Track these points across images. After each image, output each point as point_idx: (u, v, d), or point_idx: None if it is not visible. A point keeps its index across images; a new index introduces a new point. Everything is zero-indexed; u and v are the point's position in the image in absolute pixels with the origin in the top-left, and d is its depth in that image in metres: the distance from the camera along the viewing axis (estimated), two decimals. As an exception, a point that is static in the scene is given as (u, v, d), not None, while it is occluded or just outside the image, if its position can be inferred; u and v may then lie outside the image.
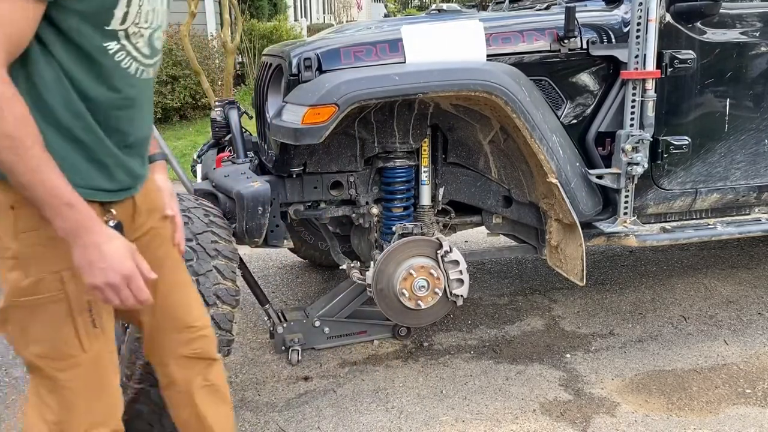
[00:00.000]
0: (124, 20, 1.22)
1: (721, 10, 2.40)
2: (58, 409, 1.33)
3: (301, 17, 18.88)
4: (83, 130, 1.23)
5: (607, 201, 2.52)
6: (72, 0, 1.15)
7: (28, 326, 1.27)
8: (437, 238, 2.48)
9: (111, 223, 1.26)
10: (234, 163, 2.63)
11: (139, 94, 1.32)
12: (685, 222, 2.69)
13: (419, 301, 2.46)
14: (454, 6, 2.73)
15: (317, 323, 2.72)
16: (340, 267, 2.75)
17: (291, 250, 3.59)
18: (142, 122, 1.37)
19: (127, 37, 1.25)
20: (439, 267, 2.45)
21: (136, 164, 1.37)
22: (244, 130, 2.86)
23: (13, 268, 1.23)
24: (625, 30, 2.40)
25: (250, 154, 2.77)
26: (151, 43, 1.32)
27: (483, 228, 2.87)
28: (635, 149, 2.38)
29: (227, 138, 2.95)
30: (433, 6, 2.82)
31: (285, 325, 2.69)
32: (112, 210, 1.30)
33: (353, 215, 2.64)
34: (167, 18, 1.38)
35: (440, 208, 2.69)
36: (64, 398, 1.32)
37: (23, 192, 1.14)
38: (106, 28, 1.20)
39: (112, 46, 1.23)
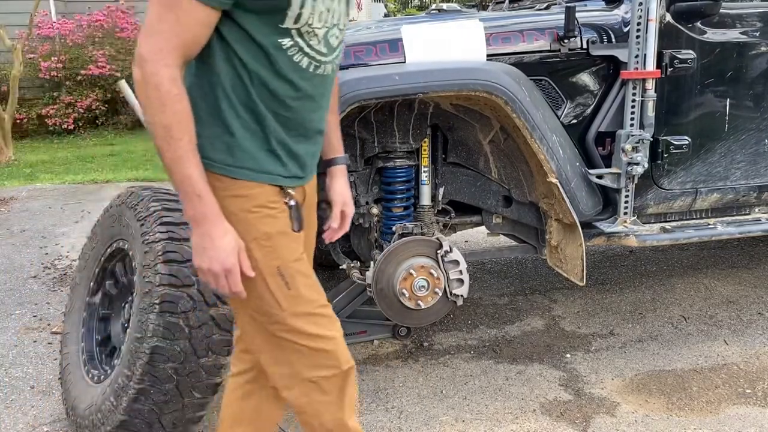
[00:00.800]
0: (297, 20, 1.32)
1: (721, 10, 2.40)
2: (288, 360, 1.50)
3: (301, 17, 18.81)
4: (257, 120, 1.37)
5: (607, 201, 2.52)
6: (247, 0, 1.27)
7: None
8: (437, 238, 2.48)
9: (291, 203, 1.44)
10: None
11: (312, 88, 1.42)
12: (685, 222, 2.69)
13: (419, 301, 2.46)
14: (454, 6, 2.72)
15: (317, 323, 2.72)
16: (340, 267, 2.75)
17: (291, 250, 3.58)
18: (315, 115, 1.47)
19: (301, 35, 1.34)
20: (439, 267, 2.45)
21: (307, 156, 1.49)
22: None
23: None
24: (625, 30, 2.40)
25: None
26: (327, 41, 1.40)
27: (483, 228, 2.86)
28: (635, 149, 2.38)
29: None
30: (433, 6, 2.82)
31: (285, 325, 2.68)
32: (291, 191, 1.45)
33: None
34: (346, 17, 1.45)
35: (440, 208, 2.69)
36: (285, 349, 1.49)
37: (168, 175, 1.30)
38: (280, 26, 1.31)
39: (286, 42, 1.33)
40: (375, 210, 2.59)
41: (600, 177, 2.44)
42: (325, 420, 1.55)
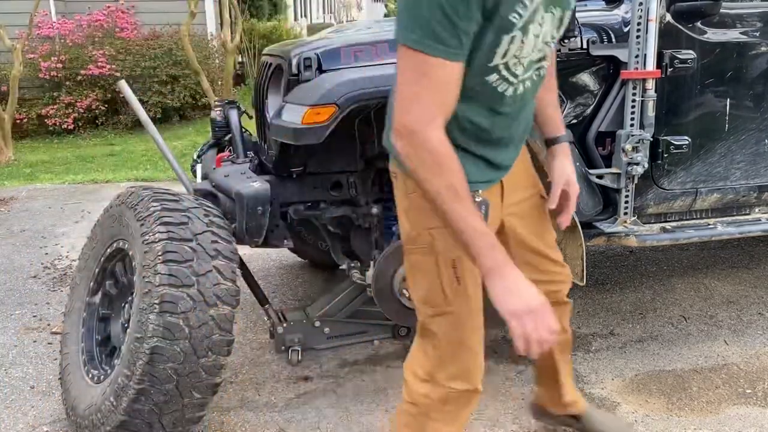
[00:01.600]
0: (504, 55, 1.33)
1: (721, 10, 2.40)
2: (432, 356, 1.54)
3: (301, 17, 18.88)
4: (465, 142, 1.42)
5: (608, 201, 2.52)
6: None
7: (414, 271, 1.54)
8: (437, 238, 2.47)
9: (477, 199, 1.43)
10: (234, 163, 2.63)
11: (517, 108, 1.45)
12: (686, 222, 2.69)
13: (419, 301, 2.45)
14: (454, 6, 2.72)
15: (317, 323, 2.72)
16: (340, 267, 2.75)
17: (291, 250, 3.58)
18: (520, 124, 1.52)
19: (507, 68, 1.36)
20: (439, 267, 2.45)
21: (507, 157, 1.53)
22: (244, 130, 2.85)
23: (405, 221, 1.52)
24: (625, 30, 2.40)
25: (250, 154, 2.77)
26: (530, 61, 1.40)
27: (483, 228, 2.86)
28: (635, 149, 2.38)
29: (227, 138, 2.95)
30: (433, 6, 2.82)
31: (285, 325, 2.68)
32: (479, 190, 1.45)
33: (353, 215, 2.64)
34: (558, 31, 1.43)
35: (440, 208, 2.69)
36: (434, 347, 1.54)
37: (455, 234, 1.31)
38: (489, 65, 1.33)
39: (492, 78, 1.35)
40: (375, 210, 2.59)
41: (600, 177, 2.44)
42: (427, 427, 1.57)
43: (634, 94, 2.36)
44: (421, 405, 1.57)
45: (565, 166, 1.70)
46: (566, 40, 2.35)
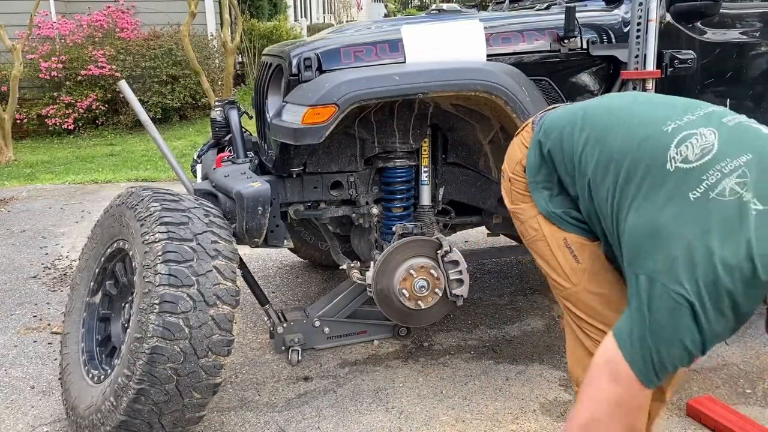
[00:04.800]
0: None
1: (721, 10, 2.40)
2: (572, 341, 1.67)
3: (301, 17, 18.89)
4: None
5: (607, 201, 2.51)
6: None
7: (539, 259, 1.67)
8: (437, 238, 2.48)
9: None
10: (234, 163, 2.63)
11: None
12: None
13: (419, 302, 2.46)
14: (454, 6, 2.73)
15: (317, 323, 2.72)
16: (340, 267, 2.75)
17: (291, 250, 3.59)
18: None
19: None
20: (439, 267, 2.45)
21: None
22: (244, 130, 2.86)
23: (515, 219, 1.73)
24: (625, 30, 2.40)
25: (250, 154, 2.77)
26: None
27: (483, 228, 2.86)
28: (635, 149, 2.37)
29: (227, 138, 2.95)
30: (433, 6, 2.82)
31: (285, 325, 2.68)
32: None
33: (353, 215, 2.64)
34: None
35: (440, 208, 2.69)
36: (572, 334, 1.66)
37: None
38: None
39: None
40: (375, 210, 2.60)
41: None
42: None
43: (634, 94, 2.36)
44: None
45: None
46: (566, 40, 2.35)
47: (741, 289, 1.17)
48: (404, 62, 2.28)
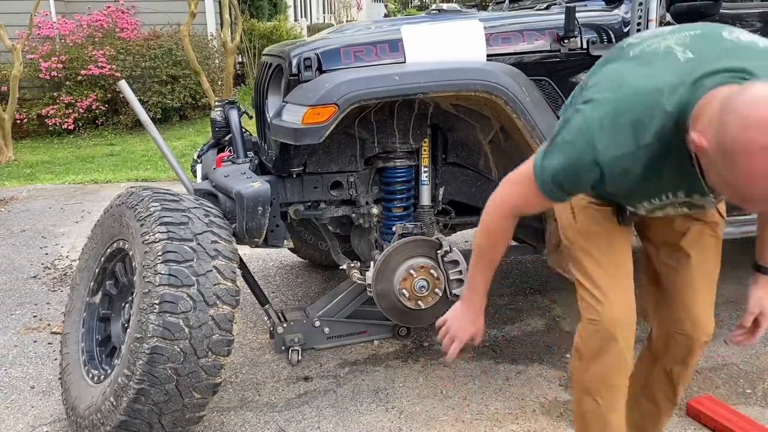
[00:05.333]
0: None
1: (721, 10, 2.40)
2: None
3: (301, 17, 18.88)
4: None
5: (608, 201, 2.51)
6: None
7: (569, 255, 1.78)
8: (437, 238, 2.48)
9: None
10: (234, 163, 2.63)
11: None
12: (685, 222, 2.68)
13: (419, 302, 2.46)
14: (454, 6, 2.73)
15: (317, 323, 2.72)
16: (340, 267, 2.75)
17: (291, 250, 3.59)
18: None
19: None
20: (439, 267, 2.45)
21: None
22: (244, 130, 2.86)
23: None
24: (625, 30, 2.40)
25: (250, 154, 2.77)
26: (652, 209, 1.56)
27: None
28: (635, 149, 2.37)
29: (227, 138, 2.95)
30: (433, 6, 2.82)
31: (285, 325, 2.68)
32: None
33: (353, 215, 2.64)
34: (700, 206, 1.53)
35: (440, 208, 2.69)
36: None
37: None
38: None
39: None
40: (375, 210, 2.59)
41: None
42: (573, 369, 1.79)
43: (634, 94, 2.36)
44: (575, 344, 1.77)
45: (762, 298, 1.79)
46: (566, 40, 2.35)
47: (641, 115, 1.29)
48: (404, 62, 2.28)
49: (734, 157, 1.10)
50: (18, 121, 8.32)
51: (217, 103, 3.00)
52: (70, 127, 8.67)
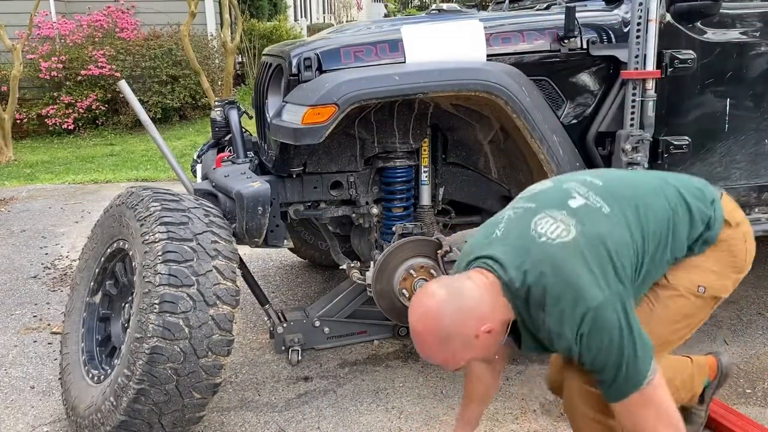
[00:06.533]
0: None
1: (721, 10, 2.40)
2: None
3: (301, 17, 18.87)
4: None
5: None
6: None
7: None
8: (437, 238, 2.48)
9: None
10: (234, 163, 2.63)
11: None
12: (685, 222, 2.68)
13: (419, 301, 2.45)
14: (454, 6, 2.73)
15: (317, 323, 2.72)
16: (340, 267, 2.75)
17: (291, 250, 3.59)
18: None
19: None
20: (439, 267, 2.45)
21: None
22: (244, 130, 2.86)
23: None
24: (625, 30, 2.40)
25: (250, 154, 2.77)
26: None
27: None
28: (635, 149, 2.38)
29: (227, 138, 2.95)
30: (433, 6, 2.82)
31: (285, 325, 2.68)
32: None
33: (353, 215, 2.64)
34: None
35: (440, 208, 2.69)
36: None
37: None
38: None
39: None
40: (375, 210, 2.59)
41: (600, 177, 2.44)
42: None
43: (634, 95, 2.36)
44: None
45: None
46: (566, 40, 2.35)
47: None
48: (404, 62, 2.28)
49: None
50: (18, 121, 8.31)
51: (217, 103, 3.00)
52: (70, 127, 8.67)
